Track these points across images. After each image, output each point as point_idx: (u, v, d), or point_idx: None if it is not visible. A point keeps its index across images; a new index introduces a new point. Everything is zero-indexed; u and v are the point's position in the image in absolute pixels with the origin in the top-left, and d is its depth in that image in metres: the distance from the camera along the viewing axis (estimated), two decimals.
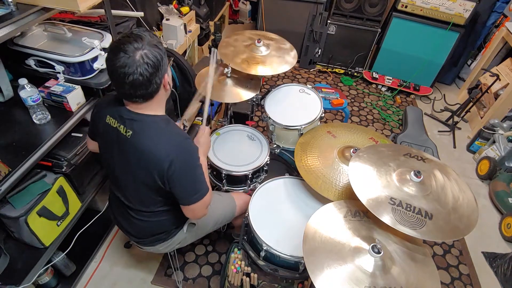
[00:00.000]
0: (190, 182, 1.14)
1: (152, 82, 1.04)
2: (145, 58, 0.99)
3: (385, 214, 1.04)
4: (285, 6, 3.31)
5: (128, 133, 1.10)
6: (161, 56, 1.04)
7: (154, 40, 1.04)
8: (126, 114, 1.11)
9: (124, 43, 0.99)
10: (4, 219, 1.31)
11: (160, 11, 2.66)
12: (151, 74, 1.01)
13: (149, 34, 1.04)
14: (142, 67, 0.99)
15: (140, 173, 1.14)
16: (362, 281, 0.95)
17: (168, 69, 1.11)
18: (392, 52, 3.36)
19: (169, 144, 1.09)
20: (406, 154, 1.26)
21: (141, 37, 1.01)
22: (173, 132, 1.14)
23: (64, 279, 1.70)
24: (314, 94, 1.86)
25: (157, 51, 1.02)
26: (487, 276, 2.01)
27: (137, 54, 0.98)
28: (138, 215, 1.28)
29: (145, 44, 1.00)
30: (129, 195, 1.24)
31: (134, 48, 0.98)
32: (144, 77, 1.00)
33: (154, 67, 1.01)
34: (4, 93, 1.44)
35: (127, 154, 1.13)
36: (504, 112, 2.76)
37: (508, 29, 2.80)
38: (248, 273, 1.41)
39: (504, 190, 2.34)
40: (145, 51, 0.99)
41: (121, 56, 0.97)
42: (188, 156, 1.12)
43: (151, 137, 1.09)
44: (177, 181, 1.11)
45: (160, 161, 1.08)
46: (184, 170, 1.11)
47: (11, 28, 1.17)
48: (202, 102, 1.55)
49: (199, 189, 1.16)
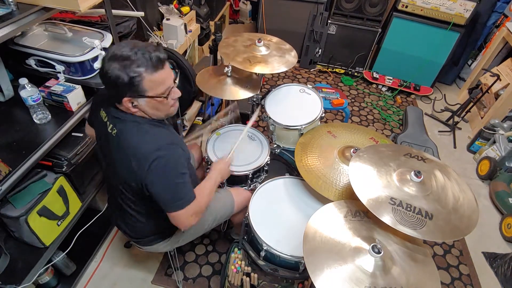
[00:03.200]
0: (169, 188, 1.09)
1: (110, 90, 1.07)
2: (108, 67, 1.00)
3: (386, 214, 1.03)
4: (286, 6, 3.31)
5: (113, 130, 1.11)
6: (121, 82, 1.00)
7: (135, 65, 1.00)
8: (114, 112, 1.12)
9: (119, 48, 1.02)
10: (5, 219, 1.32)
11: (160, 11, 2.66)
12: (108, 83, 1.03)
13: (144, 55, 1.01)
14: (106, 73, 1.01)
15: (123, 173, 1.13)
16: (362, 281, 0.95)
17: (150, 102, 1.07)
18: (393, 52, 3.36)
19: (152, 146, 1.06)
20: (407, 154, 1.26)
21: (131, 51, 1.00)
22: (158, 135, 1.11)
23: (64, 278, 1.70)
24: (315, 94, 1.85)
25: (119, 75, 1.00)
26: (487, 276, 2.00)
27: (110, 61, 1.00)
28: (133, 216, 1.28)
29: (123, 58, 0.99)
30: (121, 195, 1.24)
31: (113, 55, 1.01)
32: (105, 81, 1.04)
33: (112, 82, 1.02)
34: (5, 93, 1.44)
35: (112, 151, 1.14)
36: (504, 112, 2.76)
37: (509, 29, 2.79)
38: (248, 273, 1.41)
39: (504, 190, 2.34)
40: (115, 64, 1.00)
41: (105, 55, 1.04)
42: (170, 161, 1.08)
43: (133, 137, 1.08)
44: (156, 185, 1.07)
45: (139, 162, 1.05)
46: (163, 174, 1.07)
47: (11, 28, 1.17)
48: (202, 102, 1.55)
49: (180, 197, 1.11)
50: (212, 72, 1.86)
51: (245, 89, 1.75)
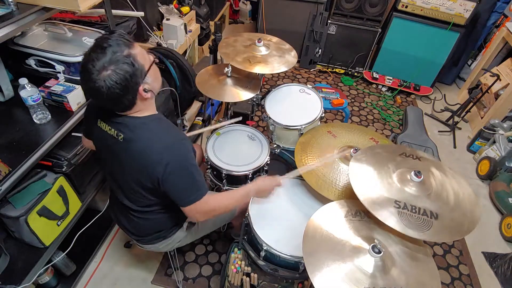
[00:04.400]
0: (186, 185, 1.12)
1: (122, 100, 1.01)
2: (108, 81, 0.94)
3: (392, 219, 1.03)
4: (286, 6, 3.31)
5: (119, 136, 1.10)
6: (130, 72, 0.96)
7: (120, 52, 0.95)
8: (116, 118, 1.10)
9: (89, 61, 0.94)
10: (4, 219, 1.31)
11: (160, 11, 2.66)
12: (118, 94, 0.97)
13: (116, 43, 0.95)
14: (109, 89, 0.95)
15: (134, 175, 1.13)
16: (362, 281, 0.95)
17: (151, 73, 1.04)
18: (393, 52, 3.36)
19: (162, 147, 1.06)
20: (402, 154, 1.26)
21: (105, 51, 0.93)
22: (165, 133, 1.11)
23: (64, 278, 1.70)
24: (314, 94, 1.85)
25: (123, 69, 0.95)
26: (487, 276, 2.00)
27: (101, 75, 0.93)
28: (137, 214, 1.28)
29: (109, 61, 0.93)
30: (126, 195, 1.24)
31: (98, 70, 0.93)
32: (113, 97, 0.97)
33: (121, 88, 0.96)
34: (5, 93, 1.44)
35: (121, 156, 1.13)
36: (504, 112, 2.76)
37: (509, 29, 2.79)
38: (248, 273, 1.41)
39: (504, 190, 2.33)
40: (108, 72, 0.93)
41: (88, 79, 0.95)
42: (182, 158, 1.10)
43: (142, 140, 1.08)
44: (173, 184, 1.09)
45: (153, 165, 1.06)
46: (179, 173, 1.09)
47: (11, 28, 1.18)
48: (202, 102, 1.55)
49: (196, 189, 1.13)
50: (212, 72, 1.86)
51: (245, 89, 1.75)
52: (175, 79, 2.28)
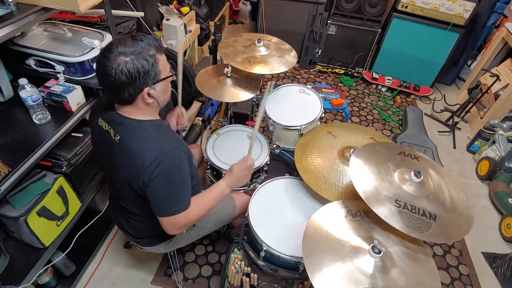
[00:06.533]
0: (167, 194, 1.09)
1: (124, 91, 1.02)
2: (121, 65, 0.97)
3: (393, 218, 1.03)
4: (285, 6, 3.31)
5: (116, 137, 1.10)
6: (145, 69, 1.00)
7: (146, 50, 1.00)
8: (116, 118, 1.10)
9: (115, 44, 0.99)
10: (4, 219, 1.31)
11: (160, 11, 2.66)
12: (123, 82, 0.99)
13: (147, 42, 1.02)
14: (117, 73, 0.97)
15: (126, 178, 1.13)
16: (361, 282, 0.95)
17: (163, 84, 1.09)
18: (392, 52, 3.36)
19: (156, 152, 1.05)
20: (401, 153, 1.26)
21: (134, 43, 0.99)
22: (161, 139, 1.10)
23: (64, 279, 1.70)
24: (314, 94, 1.86)
25: (141, 63, 0.99)
26: (487, 277, 2.00)
27: (118, 59, 0.97)
28: (135, 216, 1.28)
29: (133, 52, 0.98)
30: (123, 197, 1.24)
31: (119, 53, 0.97)
32: (117, 83, 0.99)
33: (129, 77, 0.99)
34: (4, 93, 1.44)
35: (116, 157, 1.13)
36: (504, 113, 2.76)
37: (508, 30, 2.80)
38: (248, 273, 1.41)
39: (504, 190, 2.34)
40: (127, 58, 0.97)
41: (104, 56, 0.98)
42: (173, 166, 1.08)
43: (137, 143, 1.07)
44: (155, 189, 1.07)
45: (144, 167, 1.05)
46: (165, 179, 1.07)
47: (11, 28, 1.17)
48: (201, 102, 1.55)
49: (176, 202, 1.11)
50: (211, 73, 1.86)
51: (245, 89, 1.75)
52: (175, 80, 2.27)
